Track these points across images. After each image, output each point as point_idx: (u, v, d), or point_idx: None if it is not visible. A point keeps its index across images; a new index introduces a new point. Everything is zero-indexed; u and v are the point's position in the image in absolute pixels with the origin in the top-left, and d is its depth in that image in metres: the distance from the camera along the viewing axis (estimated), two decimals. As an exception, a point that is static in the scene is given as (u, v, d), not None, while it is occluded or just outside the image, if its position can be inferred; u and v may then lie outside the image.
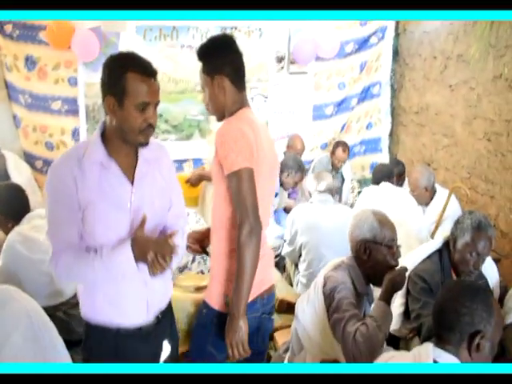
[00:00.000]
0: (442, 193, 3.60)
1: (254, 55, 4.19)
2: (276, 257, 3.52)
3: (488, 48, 3.62)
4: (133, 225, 1.51)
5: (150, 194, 1.55)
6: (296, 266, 3.19)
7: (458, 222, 2.28)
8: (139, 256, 1.44)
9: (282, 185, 3.86)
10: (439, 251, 2.35)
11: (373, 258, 1.88)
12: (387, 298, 1.78)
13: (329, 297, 1.79)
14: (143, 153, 1.54)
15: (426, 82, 4.45)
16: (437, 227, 3.45)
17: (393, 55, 4.75)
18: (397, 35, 4.70)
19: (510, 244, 3.56)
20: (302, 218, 2.99)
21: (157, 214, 1.57)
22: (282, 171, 3.82)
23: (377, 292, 2.88)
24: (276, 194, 3.87)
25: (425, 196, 3.57)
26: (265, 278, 1.74)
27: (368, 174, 4.83)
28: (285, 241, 3.19)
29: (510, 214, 3.56)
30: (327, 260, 2.82)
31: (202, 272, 2.67)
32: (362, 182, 4.80)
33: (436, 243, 2.39)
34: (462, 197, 3.73)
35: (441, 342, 1.36)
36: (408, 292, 2.35)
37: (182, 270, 2.63)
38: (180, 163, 4.21)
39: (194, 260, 2.68)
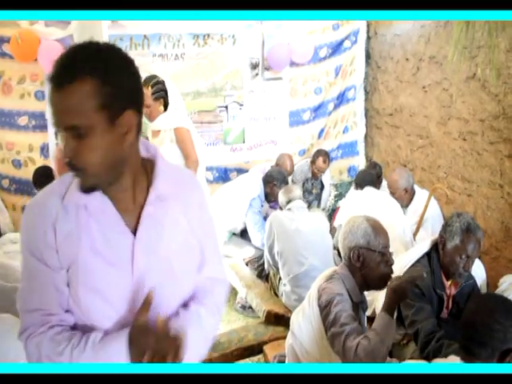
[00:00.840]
0: (420, 193, 3.63)
1: (227, 62, 4.13)
2: (259, 266, 3.46)
3: (459, 49, 3.66)
4: (137, 295, 1.06)
5: (166, 248, 1.09)
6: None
7: (446, 225, 2.27)
8: (135, 354, 1.01)
9: (266, 196, 3.81)
10: (427, 254, 2.34)
11: (366, 265, 1.84)
12: (391, 310, 1.70)
13: (325, 309, 1.74)
14: (158, 186, 1.07)
15: (398, 84, 4.48)
16: (418, 228, 3.46)
17: (365, 58, 4.77)
18: (368, 38, 4.72)
19: (488, 240, 3.60)
20: (280, 223, 2.95)
21: (177, 281, 1.12)
22: (266, 183, 3.77)
23: (369, 297, 2.88)
24: (261, 205, 3.82)
25: (405, 198, 3.58)
26: None
27: (346, 178, 4.82)
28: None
29: (487, 212, 3.60)
30: (309, 263, 2.80)
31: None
32: (338, 186, 4.78)
33: (424, 246, 2.37)
34: (439, 196, 3.76)
35: (469, 356, 1.33)
36: None
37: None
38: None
39: None
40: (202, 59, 4.02)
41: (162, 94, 3.20)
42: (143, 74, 3.82)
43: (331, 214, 4.26)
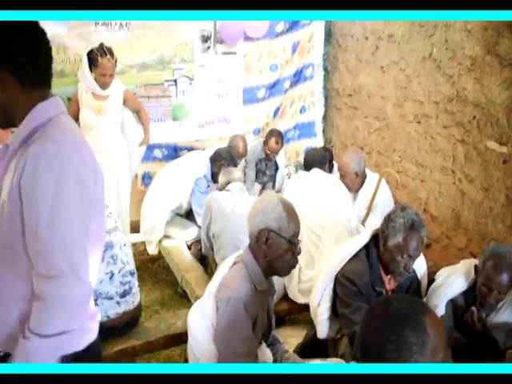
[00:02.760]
0: (372, 178, 3.50)
1: (176, 34, 3.88)
2: (200, 249, 3.30)
3: (416, 28, 3.53)
4: None
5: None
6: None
7: (389, 220, 2.11)
8: None
9: (212, 176, 3.63)
10: (366, 247, 2.21)
11: (272, 252, 1.68)
12: None
13: (220, 308, 1.61)
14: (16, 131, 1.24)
15: (358, 63, 4.32)
16: (367, 214, 3.35)
17: (326, 37, 4.59)
18: (330, 15, 4.53)
19: (439, 228, 3.52)
20: (217, 204, 2.80)
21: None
22: (213, 161, 3.60)
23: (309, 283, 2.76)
24: (208, 185, 3.65)
25: (355, 181, 3.45)
26: None
27: (302, 160, 4.67)
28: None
29: (439, 198, 3.52)
30: (245, 245, 2.64)
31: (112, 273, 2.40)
32: (299, 167, 4.64)
33: (363, 238, 2.24)
34: (392, 181, 3.65)
35: None
36: (336, 294, 2.20)
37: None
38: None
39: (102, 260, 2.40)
40: (149, 29, 3.76)
41: None
42: (84, 43, 3.60)
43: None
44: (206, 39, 3.99)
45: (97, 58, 3.23)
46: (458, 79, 3.22)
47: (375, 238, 2.23)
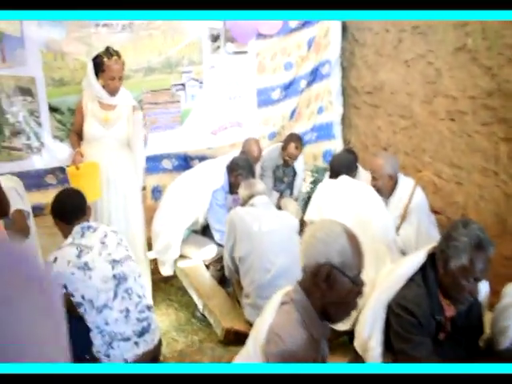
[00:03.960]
0: (404, 182, 3.19)
1: (184, 34, 3.58)
2: (220, 269, 3.00)
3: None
4: None
5: None
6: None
7: (450, 238, 1.82)
8: None
9: (230, 187, 3.33)
10: (422, 269, 1.91)
11: (333, 293, 1.36)
12: None
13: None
14: None
15: (378, 58, 4.02)
16: (402, 222, 3.05)
17: (341, 31, 4.29)
18: (344, 8, 4.23)
19: (480, 235, 3.20)
20: (242, 222, 2.49)
21: None
22: (230, 171, 3.30)
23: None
24: (225, 197, 3.35)
25: (389, 185, 3.15)
26: None
27: (321, 163, 4.36)
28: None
29: (480, 202, 3.21)
30: (276, 269, 2.35)
31: (128, 310, 2.09)
32: (314, 171, 4.33)
33: (418, 259, 1.94)
34: (426, 184, 3.34)
35: None
36: (389, 325, 1.90)
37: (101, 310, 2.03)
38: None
39: (115, 296, 2.09)
40: (154, 30, 3.46)
41: None
42: (84, 47, 3.31)
43: (307, 203, 3.82)
44: (215, 38, 3.69)
45: (103, 61, 2.92)
46: (498, 71, 2.91)
47: (431, 257, 1.93)
